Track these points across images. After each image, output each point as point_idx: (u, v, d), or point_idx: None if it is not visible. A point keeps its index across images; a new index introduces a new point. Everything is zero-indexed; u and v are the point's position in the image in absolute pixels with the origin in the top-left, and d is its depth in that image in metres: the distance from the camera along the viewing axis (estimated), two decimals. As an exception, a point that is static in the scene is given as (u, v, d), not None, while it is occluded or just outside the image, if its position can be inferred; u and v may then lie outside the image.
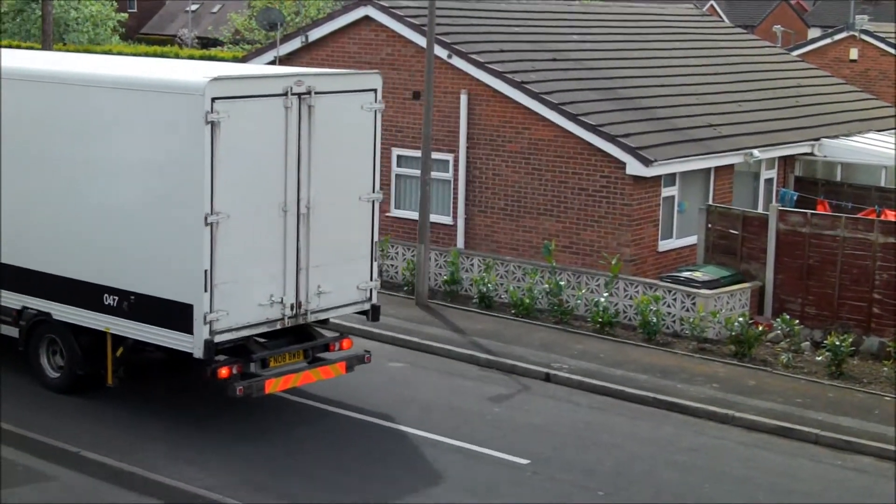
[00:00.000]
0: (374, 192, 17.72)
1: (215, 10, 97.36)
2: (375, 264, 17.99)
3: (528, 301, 22.92)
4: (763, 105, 30.07)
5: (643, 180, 24.28)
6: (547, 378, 19.69)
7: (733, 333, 21.06)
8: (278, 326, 16.68)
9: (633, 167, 24.08)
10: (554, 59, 27.88)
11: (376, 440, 16.72)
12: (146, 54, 54.55)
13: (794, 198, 26.84)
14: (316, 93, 16.63)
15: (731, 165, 26.90)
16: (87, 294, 16.91)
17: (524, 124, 25.56)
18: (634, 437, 17.26)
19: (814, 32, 59.38)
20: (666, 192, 25.11)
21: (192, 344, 15.81)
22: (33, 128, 17.59)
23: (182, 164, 15.75)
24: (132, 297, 16.36)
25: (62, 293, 17.28)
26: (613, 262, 22.80)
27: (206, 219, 15.50)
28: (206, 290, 15.59)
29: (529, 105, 25.35)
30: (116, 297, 16.55)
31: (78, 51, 52.36)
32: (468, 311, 23.29)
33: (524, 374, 19.91)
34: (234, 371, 16.23)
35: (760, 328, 21.68)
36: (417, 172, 25.41)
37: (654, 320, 21.68)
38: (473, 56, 26.25)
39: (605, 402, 18.78)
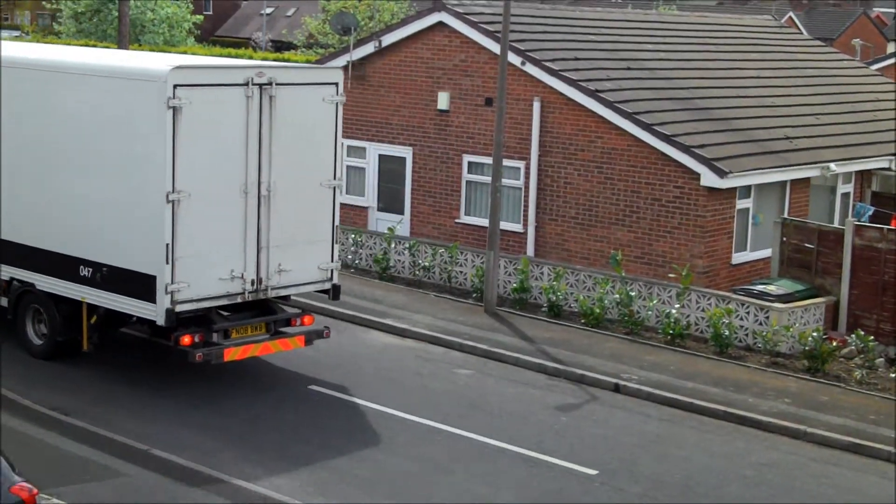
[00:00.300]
0: (335, 178, 19.03)
1: (290, 13, 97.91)
2: (336, 246, 19.27)
3: (598, 311, 22.74)
4: (841, 119, 29.67)
5: (718, 192, 24.02)
6: (616, 389, 19.51)
7: (807, 348, 20.75)
8: (239, 300, 17.92)
9: (708, 178, 23.83)
10: (629, 68, 27.67)
11: (443, 446, 16.63)
12: (219, 55, 54.96)
13: (870, 213, 26.44)
14: (277, 84, 17.91)
15: (808, 179, 26.57)
16: (65, 266, 18.34)
17: (597, 133, 25.39)
18: (704, 451, 17.04)
19: (893, 47, 58.55)
20: (741, 204, 24.82)
21: (155, 312, 17.16)
22: (17, 112, 19.04)
23: (146, 146, 17.11)
24: (104, 269, 17.78)
25: (44, 265, 18.71)
26: (684, 274, 22.55)
27: (167, 196, 16.83)
28: (167, 263, 16.95)
29: (603, 114, 25.18)
30: (91, 269, 17.97)
31: (153, 51, 52.88)
32: (537, 319, 23.15)
33: (593, 384, 19.73)
34: (196, 339, 17.51)
35: (834, 343, 21.33)
36: (488, 179, 25.33)
37: (727, 333, 21.42)
38: (547, 63, 26.12)
39: (675, 414, 18.56)
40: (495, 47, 25.68)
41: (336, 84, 18.92)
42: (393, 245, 26.00)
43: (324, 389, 18.64)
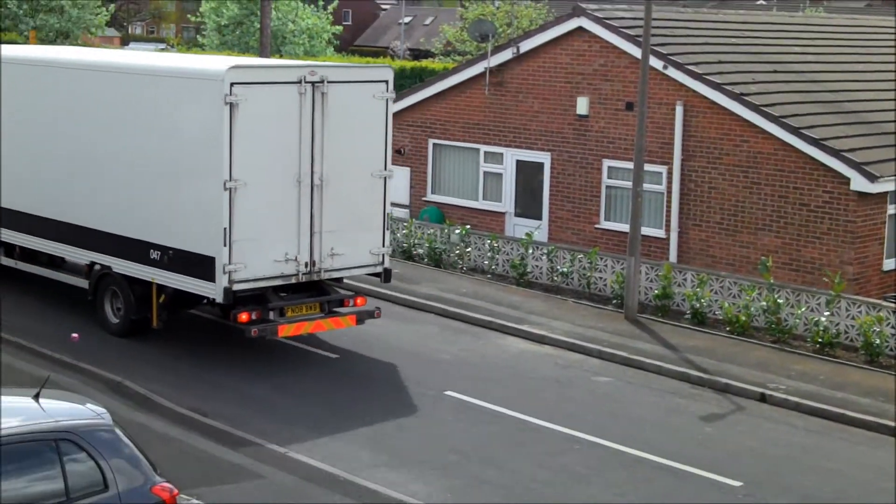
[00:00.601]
0: (385, 169, 20.08)
1: (428, 21, 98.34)
2: (387, 233, 20.36)
3: (743, 318, 22.09)
4: None
5: (868, 196, 23.23)
6: (762, 399, 18.89)
7: (962, 359, 19.90)
8: (293, 281, 19.11)
9: (858, 183, 23.07)
10: (774, 71, 26.98)
11: (579, 455, 16.27)
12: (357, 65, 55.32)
13: None
14: (328, 81, 19.06)
15: (962, 183, 25.57)
16: (137, 250, 19.75)
17: (743, 137, 24.78)
18: (855, 463, 16.38)
19: None
20: (892, 209, 23.97)
21: (214, 290, 18.46)
22: (94, 114, 20.64)
23: (206, 139, 18.46)
24: (170, 252, 19.14)
25: (120, 249, 20.15)
26: (837, 281, 21.78)
27: (224, 184, 18.11)
28: (225, 245, 18.22)
29: (749, 117, 24.57)
30: (159, 252, 19.34)
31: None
32: (680, 326, 22.60)
33: (738, 393, 19.13)
34: (253, 316, 18.67)
35: None
36: (628, 184, 24.90)
37: (878, 342, 20.64)
38: (690, 67, 25.60)
39: (824, 425, 17.90)
40: (636, 51, 25.26)
41: (386, 81, 19.93)
42: (530, 251, 25.70)
43: (460, 395, 18.40)
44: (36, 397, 10.84)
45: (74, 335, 14.09)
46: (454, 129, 29.65)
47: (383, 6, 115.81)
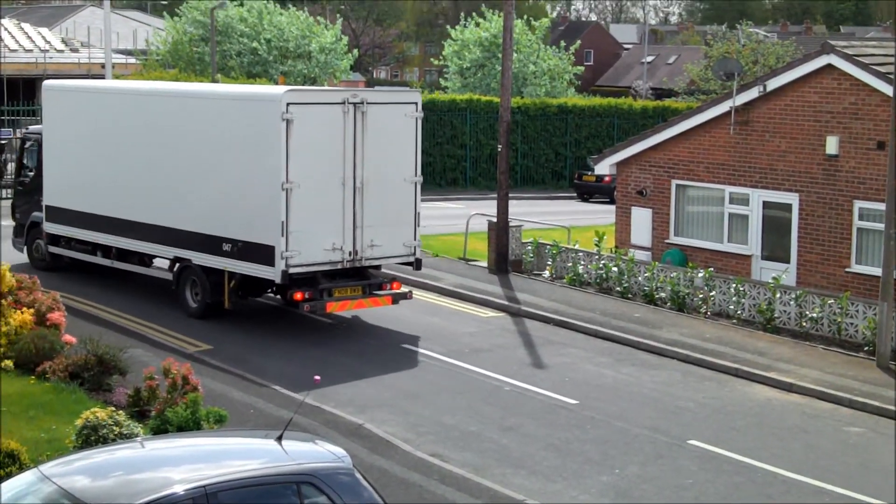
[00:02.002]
0: (415, 175, 23.96)
1: (671, 60, 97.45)
2: (418, 228, 24.11)
3: None
4: None
5: None
6: None
7: None
8: (339, 267, 23.00)
9: None
10: None
11: (833, 510, 15.61)
12: (599, 105, 55.13)
13: None
14: (368, 103, 23.04)
15: None
16: (213, 244, 23.62)
17: None
18: None
19: None
20: None
21: (274, 273, 22.35)
22: (177, 130, 24.59)
23: (267, 150, 22.41)
24: (239, 244, 23.06)
25: (198, 244, 24.00)
26: None
27: (282, 186, 22.07)
28: (282, 236, 22.14)
29: None
30: (230, 245, 23.24)
31: (535, 103, 53.64)
32: (936, 376, 21.52)
33: None
34: (306, 296, 22.56)
35: None
36: (881, 226, 23.91)
37: None
38: (947, 103, 24.42)
39: None
40: (888, 89, 24.32)
41: (415, 103, 24.02)
42: (778, 295, 24.93)
43: (704, 444, 17.92)
44: (279, 439, 10.99)
45: (317, 377, 14.31)
46: (698, 170, 29.12)
47: (625, 46, 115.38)
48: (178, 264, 24.84)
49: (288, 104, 22.05)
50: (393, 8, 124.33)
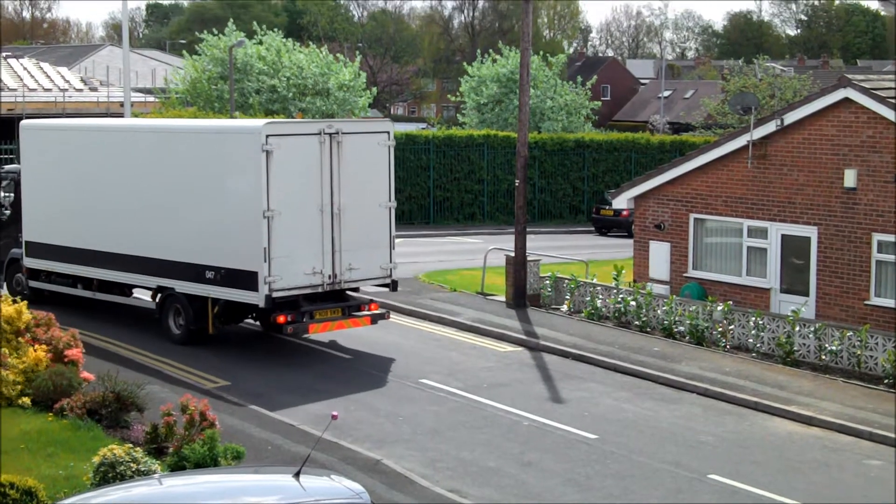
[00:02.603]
0: (389, 201, 24.92)
1: (688, 95, 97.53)
2: (393, 251, 25.04)
3: None
4: None
5: None
6: None
7: None
8: (319, 290, 23.81)
9: None
10: None
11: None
12: (616, 140, 55.14)
13: None
14: (343, 133, 24.02)
15: None
16: (196, 272, 24.36)
17: None
18: None
19: None
20: None
21: (258, 298, 23.13)
22: (159, 164, 25.31)
23: (248, 180, 23.28)
24: (222, 271, 23.83)
25: (180, 273, 24.71)
26: None
27: (263, 214, 22.87)
28: (265, 261, 22.94)
29: None
30: (213, 272, 24.01)
31: (552, 138, 53.71)
32: (958, 409, 21.34)
33: None
34: (288, 319, 23.37)
35: None
36: (901, 259, 23.80)
37: None
38: (966, 135, 24.38)
39: None
40: (906, 120, 24.26)
41: (388, 132, 24.95)
42: (797, 328, 24.81)
43: (724, 479, 17.80)
44: (297, 476, 10.95)
45: (334, 413, 14.26)
46: (716, 203, 29.06)
47: (642, 80, 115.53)
48: (160, 293, 25.50)
49: (267, 136, 22.93)
50: (410, 45, 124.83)
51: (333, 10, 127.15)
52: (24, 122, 29.72)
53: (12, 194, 29.90)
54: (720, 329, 26.08)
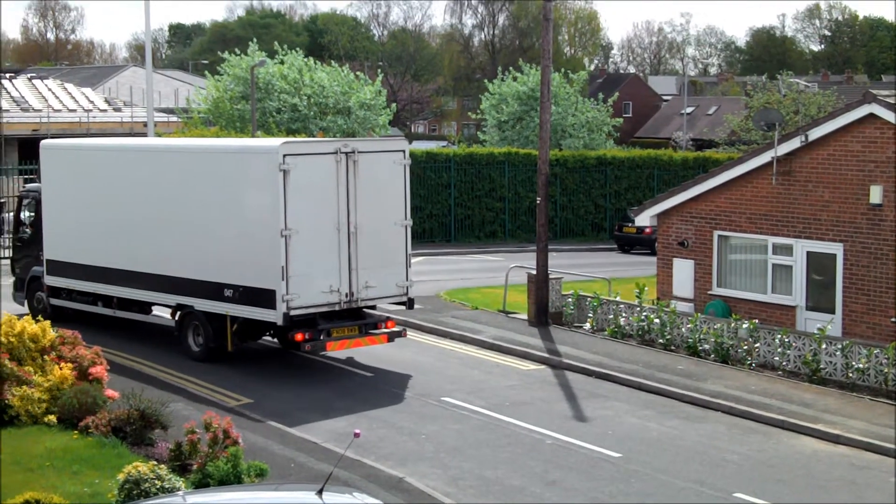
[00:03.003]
0: (405, 219, 24.97)
1: (711, 111, 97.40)
2: (409, 269, 25.07)
3: None
4: None
5: None
6: None
7: None
8: (336, 308, 23.87)
9: None
10: None
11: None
12: (639, 157, 55.02)
13: None
14: (359, 152, 24.05)
15: None
16: (214, 290, 24.46)
17: None
18: None
19: None
20: None
21: (276, 316, 23.17)
22: (178, 182, 25.48)
23: (266, 199, 23.38)
24: (240, 289, 23.90)
25: (199, 291, 24.82)
26: None
27: (281, 232, 22.97)
28: (283, 280, 22.99)
29: None
30: (231, 290, 24.08)
31: (573, 155, 53.65)
32: None
33: None
34: (306, 336, 23.40)
35: None
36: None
37: None
38: None
39: None
40: (932, 135, 24.12)
41: (403, 151, 25.02)
42: (823, 346, 24.65)
43: (750, 497, 17.66)
44: (319, 493, 10.91)
45: (357, 431, 14.16)
46: (740, 220, 28.94)
47: (665, 97, 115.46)
48: (180, 311, 25.62)
49: (284, 155, 23.03)
50: (431, 63, 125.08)
51: (354, 30, 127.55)
52: (44, 142, 29.87)
53: (34, 213, 29.97)
54: (745, 347, 25.93)
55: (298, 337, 23.43)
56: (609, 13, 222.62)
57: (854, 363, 24.09)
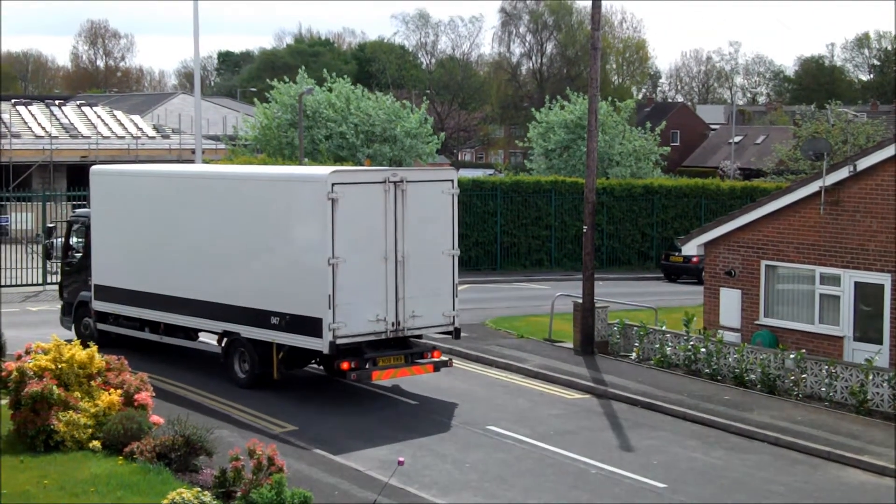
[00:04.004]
0: (453, 249, 24.88)
1: (759, 140, 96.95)
2: (456, 299, 24.95)
3: None
4: None
5: None
6: None
7: None
8: (383, 337, 23.90)
9: None
10: None
11: None
12: (686, 186, 54.80)
13: None
14: (407, 181, 24.05)
15: None
16: (261, 317, 24.54)
17: None
18: None
19: None
20: None
21: (322, 344, 23.18)
22: (229, 209, 25.59)
23: (314, 227, 23.43)
24: (287, 317, 23.96)
25: (246, 318, 24.91)
26: None
27: (328, 261, 22.97)
28: (329, 308, 23.00)
29: None
30: (278, 318, 24.15)
31: (620, 184, 53.54)
32: None
33: None
34: (352, 365, 23.43)
35: None
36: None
37: None
38: None
39: None
40: (983, 165, 23.89)
41: (451, 180, 24.99)
42: (871, 377, 24.41)
43: (797, 530, 17.50)
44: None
45: (401, 459, 14.23)
46: (788, 250, 28.76)
47: (713, 126, 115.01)
48: (226, 338, 25.76)
49: (333, 184, 23.08)
50: (478, 91, 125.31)
51: (402, 58, 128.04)
52: (94, 168, 30.13)
53: (83, 238, 30.26)
54: (792, 378, 25.73)
55: (344, 366, 23.48)
56: (657, 42, 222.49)
57: (903, 395, 23.83)
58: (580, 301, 30.17)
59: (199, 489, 16.08)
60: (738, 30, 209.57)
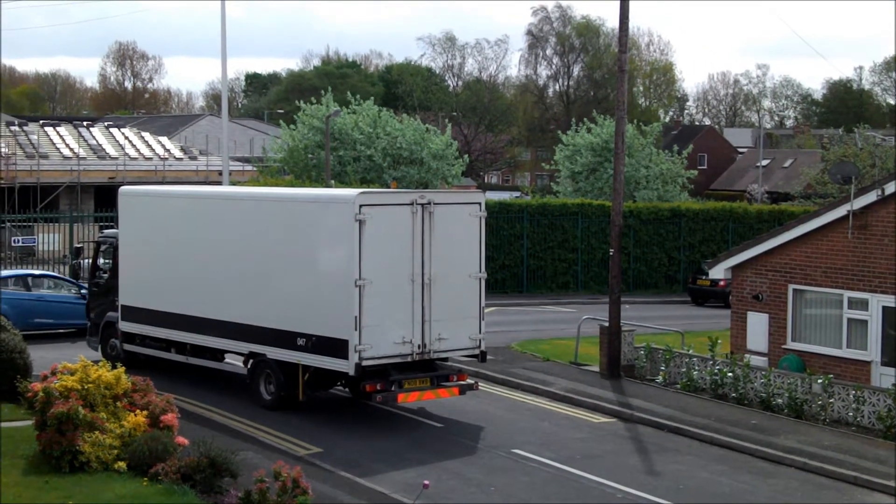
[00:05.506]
0: (480, 272, 24.77)
1: (787, 164, 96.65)
2: (482, 322, 24.87)
3: None
4: None
5: None
6: None
7: None
8: (408, 360, 23.86)
9: None
10: None
11: None
12: (713, 209, 54.63)
13: None
14: (435, 203, 24.08)
15: None
16: (287, 339, 24.53)
17: None
18: None
19: None
20: None
21: (348, 366, 23.20)
22: (256, 230, 25.68)
23: (341, 249, 23.52)
24: (313, 338, 23.97)
25: (272, 339, 24.96)
26: None
27: (355, 282, 22.97)
28: (356, 330, 23.01)
29: None
30: (304, 339, 24.15)
31: (647, 207, 53.43)
32: None
33: None
34: (377, 387, 23.45)
35: None
36: None
37: None
38: None
39: None
40: None
41: (479, 203, 24.93)
42: (899, 402, 24.22)
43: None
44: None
45: (426, 482, 14.19)
46: (815, 274, 28.61)
47: (740, 149, 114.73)
48: (252, 359, 25.77)
49: (360, 206, 23.13)
50: (505, 114, 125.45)
51: (428, 80, 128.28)
52: (122, 189, 30.26)
53: (110, 259, 30.36)
54: (819, 402, 25.56)
55: (370, 388, 23.48)
56: (685, 65, 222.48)
57: (932, 420, 23.63)
58: (606, 324, 30.08)
59: (224, 511, 16.06)
60: (766, 53, 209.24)
